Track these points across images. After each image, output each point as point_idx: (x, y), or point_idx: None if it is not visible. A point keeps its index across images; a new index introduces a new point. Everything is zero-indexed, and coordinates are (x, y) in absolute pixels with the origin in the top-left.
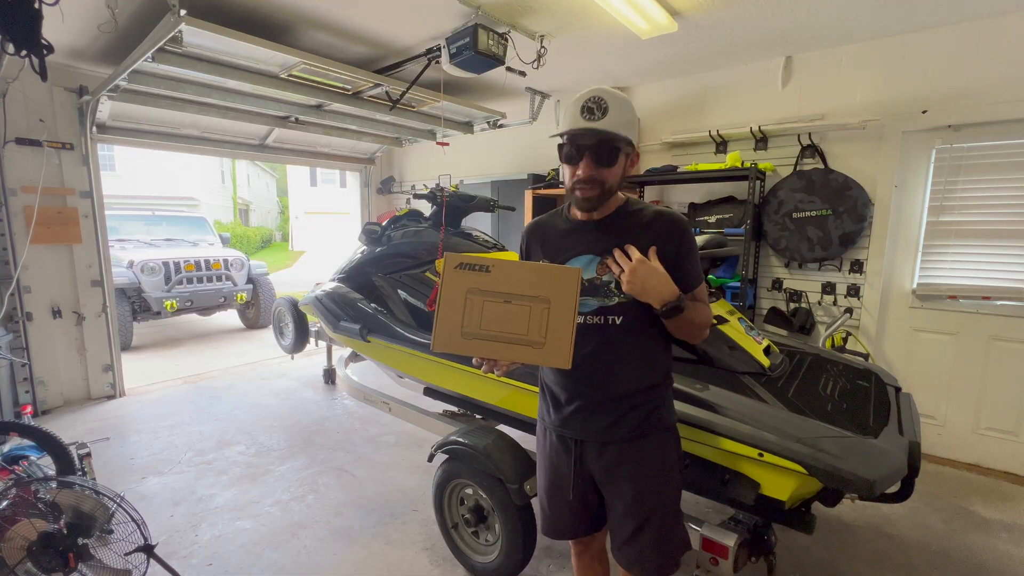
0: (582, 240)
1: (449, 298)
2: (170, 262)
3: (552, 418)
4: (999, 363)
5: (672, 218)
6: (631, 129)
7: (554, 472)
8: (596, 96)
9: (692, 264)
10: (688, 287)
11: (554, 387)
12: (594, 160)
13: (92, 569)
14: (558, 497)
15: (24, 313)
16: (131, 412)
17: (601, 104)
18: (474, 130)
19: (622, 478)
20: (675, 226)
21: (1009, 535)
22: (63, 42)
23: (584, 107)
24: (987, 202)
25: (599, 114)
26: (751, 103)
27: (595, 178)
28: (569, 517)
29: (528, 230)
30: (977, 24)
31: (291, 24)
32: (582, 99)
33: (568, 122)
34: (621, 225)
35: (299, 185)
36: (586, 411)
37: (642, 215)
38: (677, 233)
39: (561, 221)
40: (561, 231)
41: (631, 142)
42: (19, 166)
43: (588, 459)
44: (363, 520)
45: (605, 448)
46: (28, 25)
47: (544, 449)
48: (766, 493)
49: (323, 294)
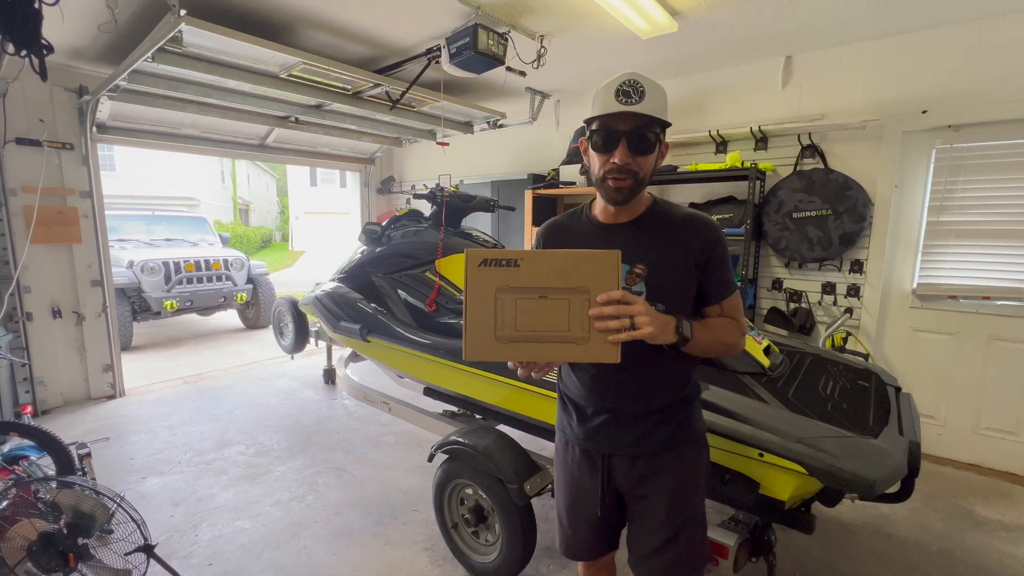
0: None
1: (476, 300)
2: (170, 262)
3: (576, 431)
4: (999, 363)
5: (705, 221)
6: (666, 114)
7: (578, 487)
8: (632, 79)
9: (723, 272)
10: (714, 298)
11: (578, 399)
12: (630, 147)
13: (92, 569)
14: (580, 514)
15: (24, 313)
16: (131, 412)
17: (638, 87)
18: (474, 130)
19: (653, 491)
20: (708, 230)
21: (1009, 535)
22: (63, 42)
23: (619, 90)
24: (987, 202)
25: (636, 97)
26: (751, 103)
27: (630, 167)
28: (590, 536)
29: (543, 232)
30: (977, 24)
31: (291, 24)
32: (615, 83)
33: (600, 106)
34: (650, 229)
35: (299, 185)
36: (614, 424)
37: (672, 217)
38: (710, 238)
39: (582, 223)
40: (582, 234)
41: (665, 128)
42: (19, 166)
43: (616, 473)
44: (363, 520)
45: (635, 461)
46: (28, 25)
47: (566, 464)
48: (766, 493)
49: (323, 294)
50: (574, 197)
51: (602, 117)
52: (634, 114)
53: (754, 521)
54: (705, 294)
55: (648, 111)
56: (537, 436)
